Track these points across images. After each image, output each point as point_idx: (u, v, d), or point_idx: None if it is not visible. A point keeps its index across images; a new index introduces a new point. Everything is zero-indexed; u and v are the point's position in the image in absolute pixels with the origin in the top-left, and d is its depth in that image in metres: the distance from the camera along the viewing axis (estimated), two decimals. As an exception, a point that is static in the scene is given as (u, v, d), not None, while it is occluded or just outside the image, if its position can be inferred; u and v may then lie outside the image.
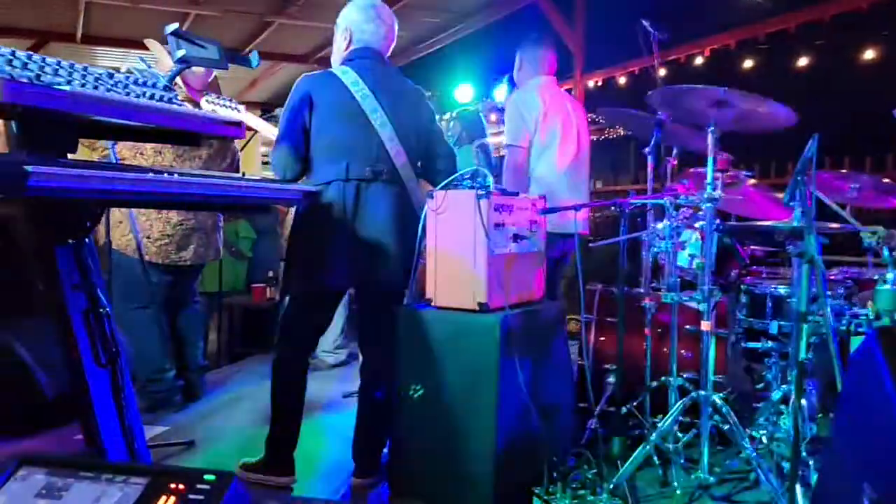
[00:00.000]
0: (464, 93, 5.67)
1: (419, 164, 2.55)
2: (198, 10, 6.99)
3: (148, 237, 3.31)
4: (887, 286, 2.03)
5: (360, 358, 2.69)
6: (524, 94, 3.35)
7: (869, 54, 5.26)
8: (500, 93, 5.98)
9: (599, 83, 6.99)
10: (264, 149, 9.11)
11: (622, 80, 6.77)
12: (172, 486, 0.88)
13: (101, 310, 1.88)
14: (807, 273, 2.04)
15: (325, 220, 2.34)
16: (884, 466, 0.91)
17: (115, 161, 2.91)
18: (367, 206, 2.36)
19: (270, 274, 4.95)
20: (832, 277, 2.69)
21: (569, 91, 7.18)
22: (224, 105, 2.70)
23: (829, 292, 2.49)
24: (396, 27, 2.60)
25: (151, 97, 1.85)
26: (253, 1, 6.90)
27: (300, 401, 2.51)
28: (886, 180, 3.06)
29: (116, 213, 3.29)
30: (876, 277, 2.65)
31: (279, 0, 6.87)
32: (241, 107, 2.81)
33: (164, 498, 0.86)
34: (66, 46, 8.11)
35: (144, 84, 1.89)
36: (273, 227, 5.10)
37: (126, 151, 3.21)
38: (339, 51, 2.57)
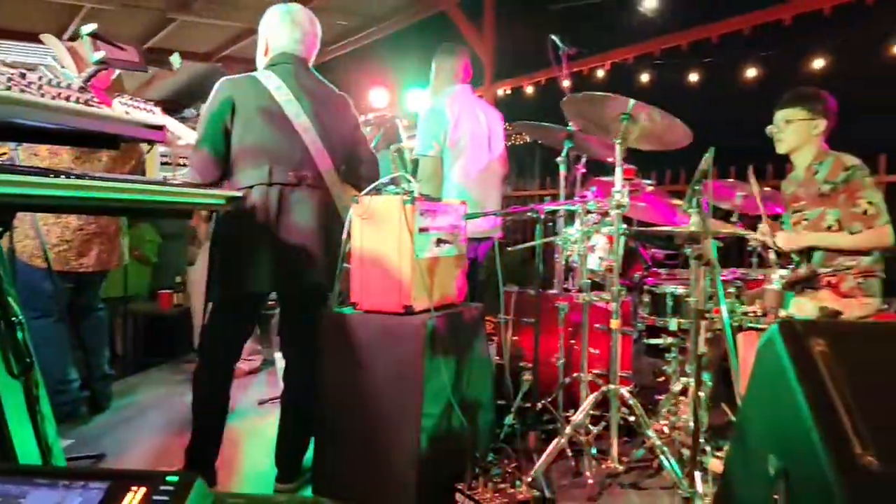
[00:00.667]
0: (378, 97, 5.71)
1: (343, 168, 2.58)
2: (92, 3, 6.67)
3: (46, 242, 3.15)
4: (774, 286, 2.25)
5: (279, 363, 2.68)
6: (435, 104, 3.41)
7: (751, 72, 5.72)
8: (414, 99, 6.07)
9: (508, 91, 7.21)
10: (163, 149, 8.75)
11: (530, 90, 7.01)
12: (134, 488, 0.89)
13: (13, 318, 1.81)
14: (704, 274, 2.23)
15: (248, 225, 2.32)
16: (785, 439, 1.05)
17: (17, 163, 2.76)
18: (291, 211, 2.37)
19: (178, 279, 4.79)
20: (723, 278, 2.93)
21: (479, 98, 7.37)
22: (138, 107, 2.63)
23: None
24: (317, 33, 2.61)
25: (67, 98, 1.80)
26: (154, -5, 6.66)
27: (224, 410, 2.48)
28: (768, 189, 3.35)
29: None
30: (760, 277, 2.93)
31: (182, -4, 6.66)
32: (157, 109, 2.74)
33: (128, 500, 0.87)
34: (-59, 36, 7.53)
35: (59, 84, 1.84)
36: (180, 232, 4.94)
37: (22, 152, 3.05)
38: (259, 56, 2.56)
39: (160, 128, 1.97)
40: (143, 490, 0.89)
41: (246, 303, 2.45)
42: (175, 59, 2.17)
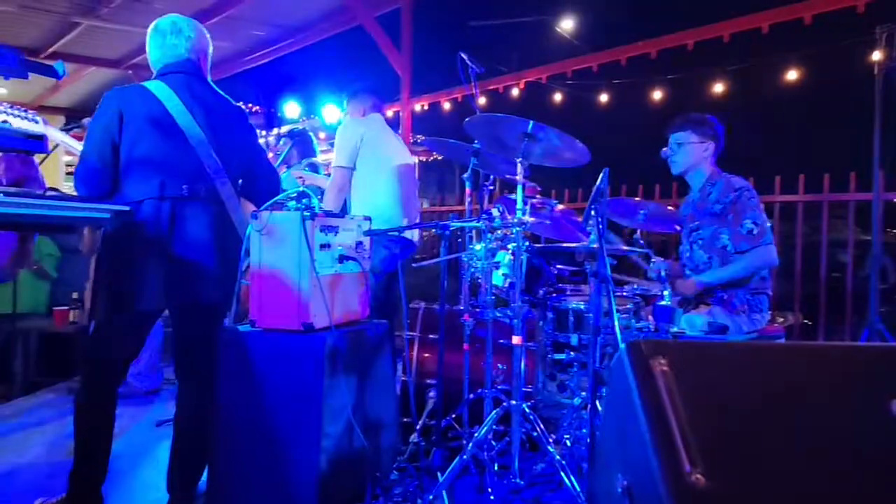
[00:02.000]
0: (291, 109, 5.63)
1: (240, 182, 2.52)
2: (-11, 6, 6.34)
3: None
4: (663, 302, 2.34)
5: (177, 383, 2.58)
6: (353, 120, 3.64)
7: (657, 94, 5.97)
8: (329, 112, 6.02)
9: (426, 107, 7.26)
10: (68, 158, 8.37)
11: (447, 106, 7.08)
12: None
13: None
14: (600, 290, 2.29)
15: (137, 240, 2.23)
16: (631, 458, 1.09)
17: None
18: (184, 226, 2.29)
19: (75, 296, 4.56)
20: (623, 294, 3.02)
21: (396, 113, 7.39)
22: (19, 116, 2.49)
23: (619, 307, 2.80)
24: (208, 42, 2.55)
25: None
26: (56, -1, 6.39)
27: (108, 434, 2.35)
28: (671, 207, 3.49)
29: None
30: (659, 293, 3.04)
31: (88, 1, 6.41)
32: (40, 118, 2.61)
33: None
34: None
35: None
36: (78, 246, 4.70)
37: None
38: (152, 66, 2.49)
39: (40, 138, 1.88)
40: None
41: (132, 322, 2.34)
42: (59, 67, 2.07)
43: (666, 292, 2.36)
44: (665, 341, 1.17)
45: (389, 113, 7.84)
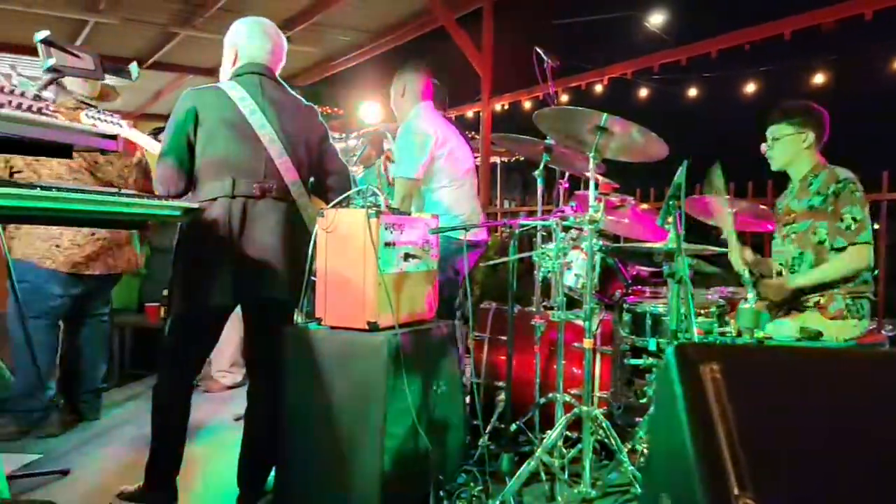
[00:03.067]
0: (370, 112, 5.69)
1: (311, 180, 2.53)
2: (96, 18, 6.74)
3: (57, 245, 3.16)
4: (747, 305, 2.17)
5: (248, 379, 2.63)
6: (414, 123, 3.27)
7: (750, 87, 5.65)
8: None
9: (506, 107, 7.17)
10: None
11: (528, 105, 6.97)
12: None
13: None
14: (678, 292, 2.16)
15: (209, 237, 2.28)
16: (676, 477, 0.97)
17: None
18: (255, 224, 2.32)
19: (165, 293, 4.75)
20: (707, 297, 2.85)
21: (477, 113, 7.34)
22: (105, 119, 2.61)
23: (701, 310, 2.64)
24: (284, 46, 2.58)
25: (19, 107, 1.77)
26: (155, 11, 6.72)
27: (183, 425, 2.42)
28: (763, 206, 3.27)
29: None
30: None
31: (184, 12, 6.72)
32: (124, 122, 2.73)
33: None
34: (-55, 52, 7.64)
35: (12, 93, 1.81)
36: (171, 244, 4.91)
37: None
38: (226, 67, 2.54)
39: (113, 137, 1.94)
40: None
41: (204, 318, 2.40)
42: (133, 69, 2.14)
43: (750, 294, 2.19)
44: (717, 345, 1.05)
45: (469, 113, 7.82)
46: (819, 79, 5.09)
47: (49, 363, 3.24)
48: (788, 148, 2.83)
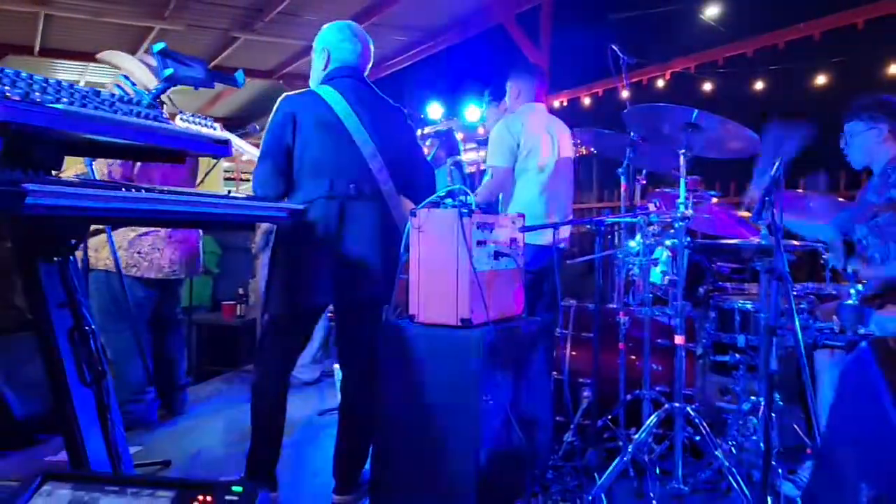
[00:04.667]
0: (433, 111, 5.74)
1: (400, 181, 2.59)
2: (162, 25, 6.95)
3: (139, 252, 3.29)
4: (851, 301, 2.14)
5: (338, 375, 2.70)
6: (511, 118, 3.52)
7: (820, 80, 5.52)
8: (471, 112, 6.08)
9: (565, 103, 7.15)
10: (227, 164, 9.02)
11: (587, 101, 6.94)
12: (200, 498, 0.90)
13: (87, 328, 1.86)
14: (775, 289, 2.14)
15: (310, 238, 2.35)
16: (880, 468, 0.98)
17: (93, 178, 2.87)
18: (351, 224, 2.39)
19: (240, 291, 4.90)
20: (795, 293, 2.81)
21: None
22: (199, 123, 2.70)
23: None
24: (372, 46, 2.65)
25: (137, 115, 1.86)
26: (217, 16, 6.89)
27: (281, 420, 2.50)
28: (841, 199, 3.21)
29: (103, 235, 3.26)
30: (834, 292, 2.80)
31: (244, 16, 6.87)
32: (217, 125, 2.82)
33: (193, 511, 0.88)
34: (23, 60, 7.96)
35: (129, 101, 1.90)
36: (242, 243, 5.06)
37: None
38: (317, 70, 2.60)
39: (226, 142, 2.02)
40: (208, 499, 0.90)
41: (303, 316, 2.48)
42: (239, 76, 2.22)
43: (853, 290, 2.16)
44: None
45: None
46: (895, 69, 4.95)
47: (146, 367, 3.38)
48: (862, 145, 2.79)
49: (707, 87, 6.08)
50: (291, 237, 2.40)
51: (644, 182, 3.30)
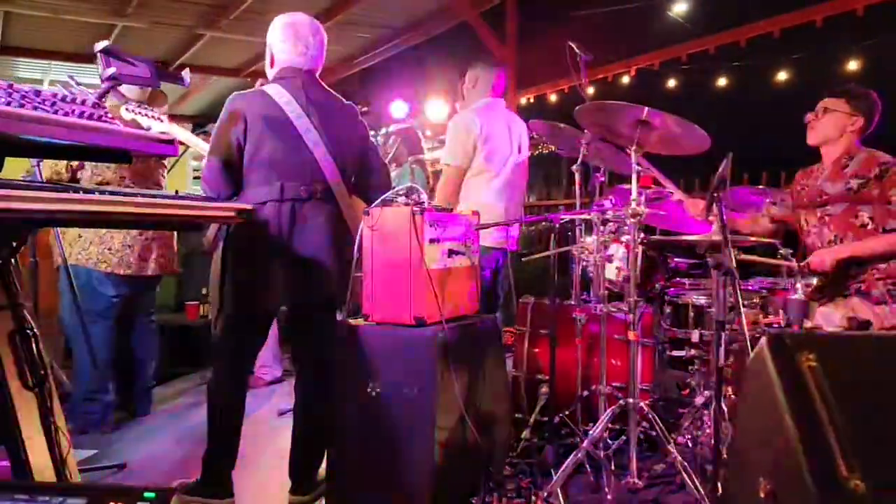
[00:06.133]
0: (398, 108, 5.73)
1: (353, 179, 2.57)
2: (125, 22, 6.84)
3: (109, 248, 3.25)
4: (796, 296, 2.18)
5: (296, 375, 2.68)
6: (466, 114, 3.37)
7: (781, 76, 5.59)
8: (434, 109, 6.08)
9: (532, 100, 7.17)
10: (195, 163, 8.92)
11: (553, 98, 6.96)
12: (111, 505, 0.88)
13: (28, 331, 1.83)
14: (722, 283, 2.16)
15: (260, 240, 2.33)
16: (774, 461, 1.00)
17: (39, 179, 2.82)
18: (302, 225, 2.37)
19: (203, 291, 4.85)
20: (749, 287, 2.85)
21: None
22: (146, 115, 2.66)
23: (744, 301, 2.64)
24: (322, 42, 2.56)
25: (80, 115, 1.83)
26: (182, 14, 6.80)
27: (238, 422, 2.48)
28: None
29: (75, 230, 3.23)
30: (788, 287, 2.84)
31: (209, 13, 6.79)
32: (165, 117, 2.78)
33: (102, 518, 0.87)
34: (-18, 57, 7.80)
35: (73, 101, 1.86)
36: (202, 243, 5.00)
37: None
38: (268, 69, 2.58)
39: (171, 142, 1.99)
40: (119, 506, 0.89)
41: (256, 318, 2.46)
42: (185, 76, 2.19)
43: (798, 284, 2.20)
44: (813, 334, 1.07)
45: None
46: (853, 66, 5.03)
47: (107, 364, 3.34)
48: (834, 124, 2.80)
49: (671, 83, 6.13)
50: (241, 239, 2.38)
51: (603, 179, 3.32)
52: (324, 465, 2.52)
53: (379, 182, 2.60)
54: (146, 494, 0.89)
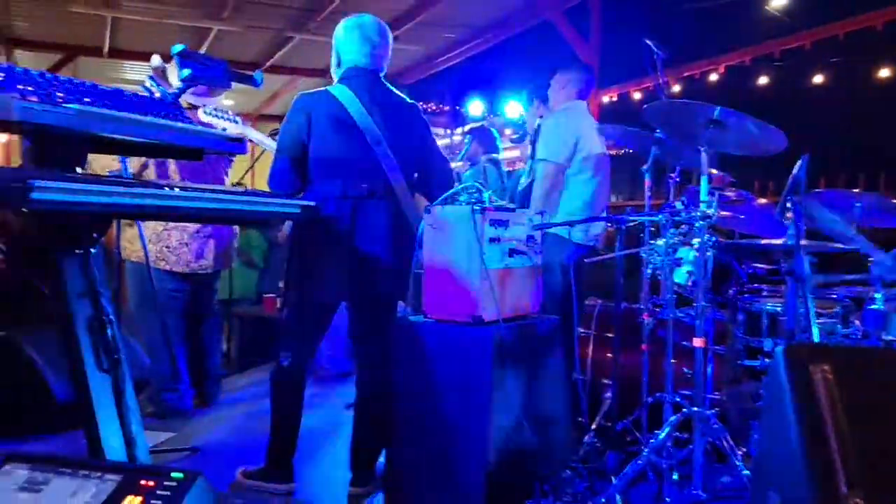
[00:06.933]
0: (475, 108, 5.73)
1: (414, 177, 2.60)
2: (220, 26, 7.17)
3: (167, 246, 3.41)
4: (874, 306, 2.04)
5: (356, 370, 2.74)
6: (566, 112, 3.41)
7: (883, 73, 5.25)
8: (512, 108, 6.04)
9: (614, 98, 7.02)
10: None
11: (637, 96, 6.79)
12: (143, 482, 0.94)
13: (105, 317, 1.94)
14: (794, 291, 2.06)
15: (322, 235, 2.40)
16: (785, 475, 0.95)
17: (126, 175, 3.00)
18: (363, 222, 2.42)
19: (281, 284, 5.02)
20: (832, 297, 2.69)
21: (584, 106, 7.22)
22: (222, 117, 2.79)
23: (824, 311, 2.50)
24: (389, 43, 2.60)
25: (157, 114, 1.93)
26: (273, 17, 7.06)
27: (298, 410, 2.56)
28: (896, 200, 3.04)
29: (134, 227, 3.40)
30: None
31: (299, 16, 7.02)
32: (239, 118, 2.90)
33: (133, 493, 0.92)
34: (93, 61, 8.35)
35: (152, 101, 1.98)
36: (276, 238, 5.19)
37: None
38: (333, 70, 2.64)
39: (240, 140, 2.08)
40: (150, 483, 0.94)
41: (317, 310, 2.53)
42: (257, 77, 2.28)
43: (878, 294, 2.06)
44: (828, 345, 1.00)
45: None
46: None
47: (181, 358, 3.51)
48: None
49: (763, 80, 5.86)
50: (306, 234, 2.46)
51: (677, 180, 3.22)
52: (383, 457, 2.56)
53: (441, 180, 2.62)
54: (174, 474, 0.94)
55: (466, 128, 4.78)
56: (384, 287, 2.46)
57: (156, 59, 2.94)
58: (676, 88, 6.37)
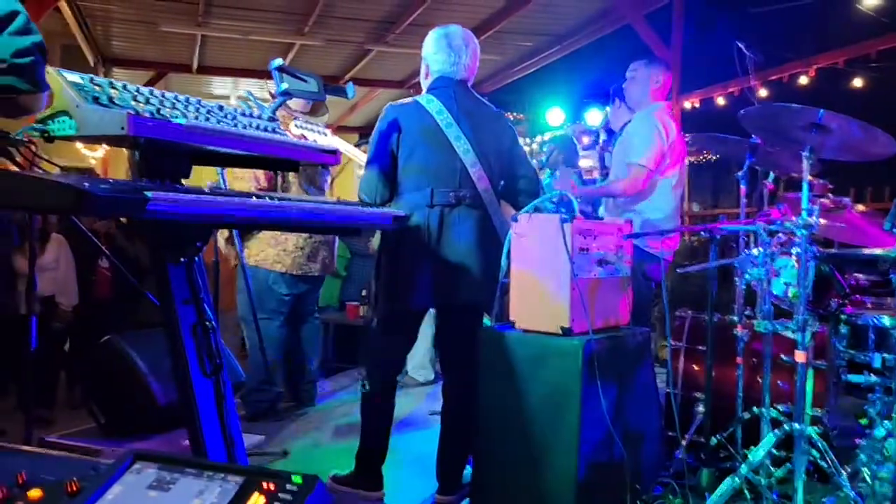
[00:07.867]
0: (554, 116, 5.70)
1: (501, 185, 2.60)
2: (302, 41, 7.40)
3: (284, 249, 3.56)
4: None
5: (442, 378, 2.76)
6: (657, 114, 3.29)
7: None
8: (593, 116, 5.97)
9: (697, 104, 6.83)
10: (360, 172, 9.44)
11: (721, 101, 6.59)
12: (264, 485, 0.97)
13: (208, 323, 2.03)
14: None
15: (411, 244, 2.44)
16: None
17: (224, 186, 3.13)
18: (451, 231, 2.45)
19: (363, 293, 5.13)
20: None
21: (665, 112, 7.05)
22: (312, 129, 2.87)
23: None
24: (475, 52, 2.62)
25: (257, 127, 2.01)
26: (353, 30, 7.23)
27: (388, 419, 2.60)
28: None
29: (260, 233, 3.56)
30: None
31: (377, 29, 7.16)
32: (328, 130, 2.99)
33: (256, 495, 0.95)
34: (183, 77, 8.77)
35: (251, 115, 2.06)
36: (366, 248, 5.29)
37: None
38: (422, 80, 2.68)
39: (333, 152, 2.13)
40: (271, 486, 0.97)
41: (405, 318, 2.56)
42: (349, 88, 2.34)
43: None
44: None
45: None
46: None
47: (279, 358, 3.64)
48: None
49: (857, 83, 5.58)
50: (394, 243, 2.49)
51: (771, 186, 3.10)
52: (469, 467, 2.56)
53: (528, 188, 2.62)
54: (294, 479, 0.96)
55: (546, 136, 4.75)
56: (471, 295, 2.47)
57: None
58: (763, 93, 6.14)
